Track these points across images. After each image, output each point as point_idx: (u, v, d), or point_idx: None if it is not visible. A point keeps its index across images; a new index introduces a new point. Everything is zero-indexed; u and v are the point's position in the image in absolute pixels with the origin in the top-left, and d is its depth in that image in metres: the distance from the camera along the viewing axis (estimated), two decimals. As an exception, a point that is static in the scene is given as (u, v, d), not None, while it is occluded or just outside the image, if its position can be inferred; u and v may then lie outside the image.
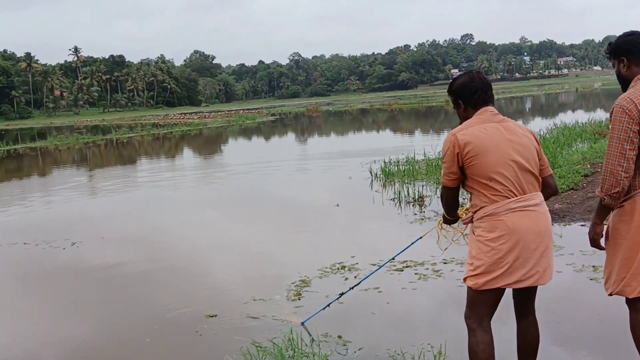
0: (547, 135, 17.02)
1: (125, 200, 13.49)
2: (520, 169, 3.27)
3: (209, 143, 34.17)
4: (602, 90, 70.07)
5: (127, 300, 6.24)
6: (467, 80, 3.44)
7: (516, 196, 3.24)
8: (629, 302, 3.29)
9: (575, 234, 6.93)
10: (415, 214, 9.04)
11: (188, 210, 11.38)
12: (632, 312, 3.29)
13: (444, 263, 6.29)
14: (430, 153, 14.81)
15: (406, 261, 6.33)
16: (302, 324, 4.88)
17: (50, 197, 14.53)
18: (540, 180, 3.37)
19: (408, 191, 10.48)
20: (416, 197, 10.12)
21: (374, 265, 6.34)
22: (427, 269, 6.18)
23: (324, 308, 4.94)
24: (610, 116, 3.18)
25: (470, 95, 3.40)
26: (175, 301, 5.91)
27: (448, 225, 3.94)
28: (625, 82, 3.32)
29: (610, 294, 3.33)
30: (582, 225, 7.38)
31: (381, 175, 12.82)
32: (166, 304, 5.85)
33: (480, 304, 3.32)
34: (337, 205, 10.15)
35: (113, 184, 16.52)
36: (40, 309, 6.22)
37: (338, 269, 6.51)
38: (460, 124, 3.45)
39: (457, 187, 3.41)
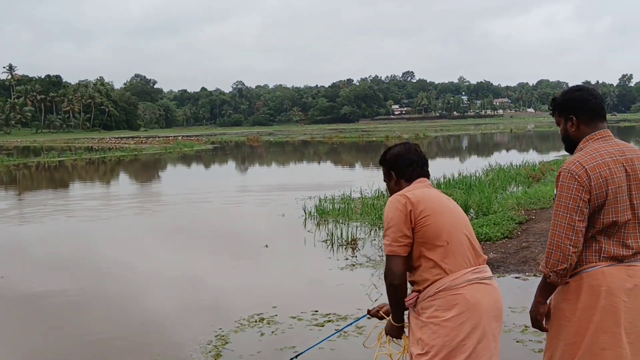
0: (483, 177, 17.04)
1: (45, 229, 12.73)
2: (470, 236, 2.95)
3: (142, 170, 33.08)
4: (535, 132, 72.36)
5: (53, 329, 6.18)
6: (402, 151, 3.13)
7: (472, 266, 2.87)
8: None
9: (508, 287, 6.65)
10: (347, 259, 8.63)
11: (107, 244, 10.78)
12: None
13: (368, 318, 5.84)
14: (366, 191, 14.54)
15: (329, 314, 5.90)
16: None
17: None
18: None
19: (341, 232, 10.10)
20: (349, 239, 9.74)
21: (294, 318, 5.93)
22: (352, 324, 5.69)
23: None
24: (557, 181, 2.81)
25: (405, 167, 3.09)
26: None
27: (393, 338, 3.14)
28: (572, 143, 2.96)
29: None
30: (516, 278, 7.14)
31: (315, 214, 12.42)
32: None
33: None
34: (266, 246, 9.64)
35: (37, 211, 15.61)
36: None
37: (256, 321, 5.99)
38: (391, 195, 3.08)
39: (407, 257, 2.90)
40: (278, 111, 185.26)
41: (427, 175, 3.14)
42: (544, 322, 2.93)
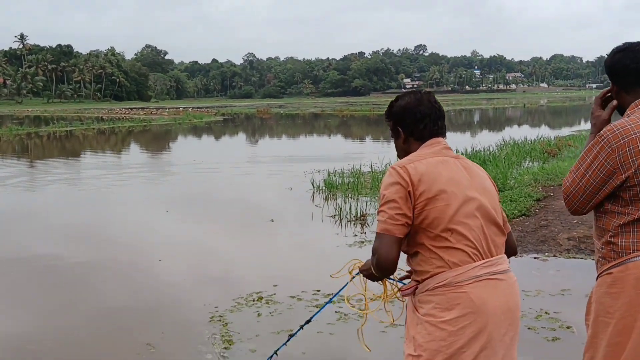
0: (497, 152, 16.55)
1: (56, 198, 12.59)
2: (487, 220, 2.42)
3: (152, 141, 32.75)
4: (548, 107, 71.37)
5: (67, 293, 6.14)
6: (412, 102, 2.53)
7: (482, 258, 2.36)
8: None
9: (526, 269, 6.26)
10: (356, 235, 8.25)
11: (117, 212, 10.68)
12: None
13: (371, 300, 5.48)
14: (377, 165, 14.11)
15: (330, 294, 5.51)
16: None
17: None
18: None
19: (350, 208, 9.70)
20: (358, 215, 9.36)
21: (294, 298, 5.60)
22: (353, 305, 5.31)
23: None
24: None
25: (416, 122, 2.50)
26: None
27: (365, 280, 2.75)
28: (620, 108, 2.56)
29: None
30: (534, 258, 6.74)
31: (324, 188, 12.02)
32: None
33: None
34: (272, 220, 9.27)
35: (49, 179, 15.53)
36: None
37: (254, 300, 5.64)
38: (399, 158, 2.57)
39: (402, 239, 2.36)
40: (289, 84, 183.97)
41: (443, 133, 2.56)
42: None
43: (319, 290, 5.73)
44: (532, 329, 4.65)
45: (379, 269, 2.38)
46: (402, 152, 2.56)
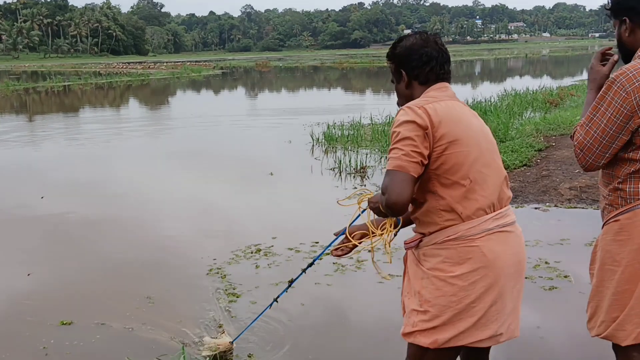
0: (498, 102, 16.37)
1: (57, 153, 12.53)
2: (497, 170, 2.32)
3: (151, 95, 32.42)
4: (550, 57, 70.55)
5: (69, 248, 6.14)
6: (418, 43, 2.35)
7: (494, 210, 2.26)
8: (618, 349, 2.46)
9: (527, 219, 6.22)
10: (355, 188, 8.19)
11: (118, 166, 10.59)
12: None
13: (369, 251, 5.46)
14: (377, 117, 13.98)
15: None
16: (232, 342, 3.64)
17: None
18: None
19: (350, 160, 9.63)
20: (358, 167, 9.29)
21: (292, 250, 5.59)
22: (352, 258, 5.29)
23: (254, 321, 3.75)
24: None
25: (421, 65, 2.33)
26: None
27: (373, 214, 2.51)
28: (626, 50, 2.43)
29: (596, 336, 2.49)
30: (535, 208, 6.69)
31: (323, 141, 11.92)
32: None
33: None
34: (271, 174, 9.20)
35: (48, 135, 15.47)
36: None
37: (252, 252, 5.62)
38: (400, 104, 2.42)
39: (416, 180, 2.19)
40: (288, 36, 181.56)
41: (449, 79, 2.40)
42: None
43: (317, 242, 5.70)
44: (530, 278, 4.61)
45: (389, 209, 2.16)
46: (404, 98, 2.42)
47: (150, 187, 8.92)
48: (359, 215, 2.66)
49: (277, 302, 3.37)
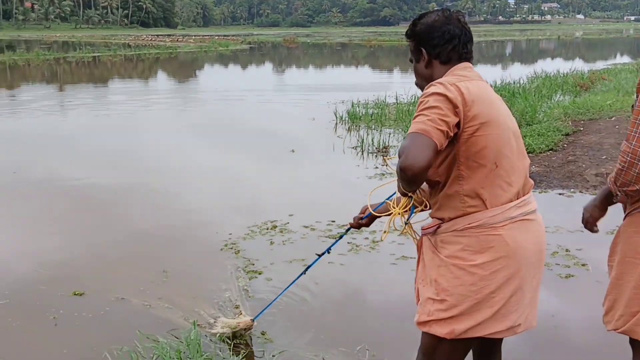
0: (527, 84, 16.08)
1: (87, 123, 12.57)
2: (521, 155, 2.23)
3: (179, 68, 32.52)
4: (583, 39, 69.04)
5: (93, 218, 6.14)
6: (440, 20, 2.22)
7: (517, 197, 2.17)
8: (636, 344, 2.37)
9: (550, 205, 6.11)
10: (377, 167, 8.12)
11: (146, 138, 10.70)
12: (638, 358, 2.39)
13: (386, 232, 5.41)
14: (402, 96, 13.82)
15: (345, 225, 5.47)
16: (253, 320, 3.57)
17: (17, 112, 13.75)
18: None
19: (373, 139, 9.54)
20: (380, 146, 9.20)
21: (307, 228, 5.56)
22: (367, 238, 5.24)
23: (276, 299, 3.67)
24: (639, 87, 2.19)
25: (443, 43, 2.20)
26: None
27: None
28: None
29: (612, 331, 2.40)
30: (559, 194, 6.56)
31: (347, 119, 11.82)
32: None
33: (446, 357, 2.26)
34: (293, 151, 9.17)
35: (79, 105, 15.57)
36: (14, 223, 6.02)
37: (268, 229, 5.61)
38: (420, 84, 2.31)
39: (437, 149, 1.98)
40: (316, 12, 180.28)
41: (471, 59, 2.27)
42: (597, 231, 2.44)
43: (333, 221, 5.68)
44: (547, 265, 4.51)
45: (404, 173, 1.94)
46: (424, 78, 2.29)
47: (174, 159, 8.96)
48: (393, 194, 2.55)
49: (305, 273, 3.33)
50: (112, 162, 8.68)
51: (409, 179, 1.94)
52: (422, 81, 2.30)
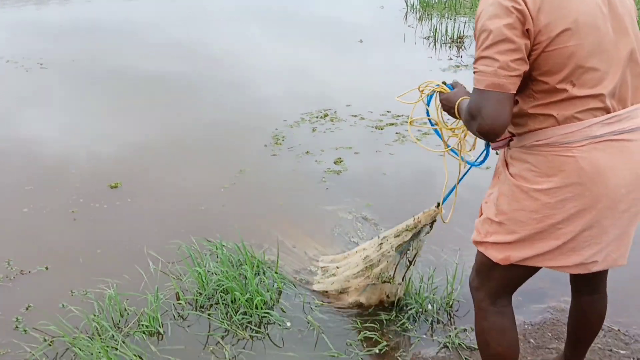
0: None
1: (155, 12, 12.10)
2: (632, 61, 1.75)
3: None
4: None
5: (154, 109, 6.10)
6: None
7: (607, 112, 1.71)
8: None
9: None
10: (451, 59, 7.58)
11: (211, 27, 10.34)
12: None
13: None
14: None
15: (400, 116, 5.47)
16: (438, 205, 2.61)
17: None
18: None
19: (446, 29, 8.89)
20: (455, 37, 8.57)
21: (355, 117, 5.57)
22: (420, 130, 4.87)
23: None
24: None
25: None
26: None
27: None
28: None
29: None
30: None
31: (418, 7, 11.08)
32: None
33: (502, 280, 1.95)
34: (361, 41, 8.64)
35: None
36: (94, 110, 6.05)
37: (317, 117, 5.56)
38: None
39: (514, 95, 1.67)
40: None
41: None
42: None
43: (389, 111, 5.58)
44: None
45: (484, 137, 1.72)
46: None
47: (239, 47, 8.59)
48: (428, 105, 2.28)
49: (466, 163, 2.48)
50: (188, 54, 8.35)
51: (491, 139, 1.73)
52: None
